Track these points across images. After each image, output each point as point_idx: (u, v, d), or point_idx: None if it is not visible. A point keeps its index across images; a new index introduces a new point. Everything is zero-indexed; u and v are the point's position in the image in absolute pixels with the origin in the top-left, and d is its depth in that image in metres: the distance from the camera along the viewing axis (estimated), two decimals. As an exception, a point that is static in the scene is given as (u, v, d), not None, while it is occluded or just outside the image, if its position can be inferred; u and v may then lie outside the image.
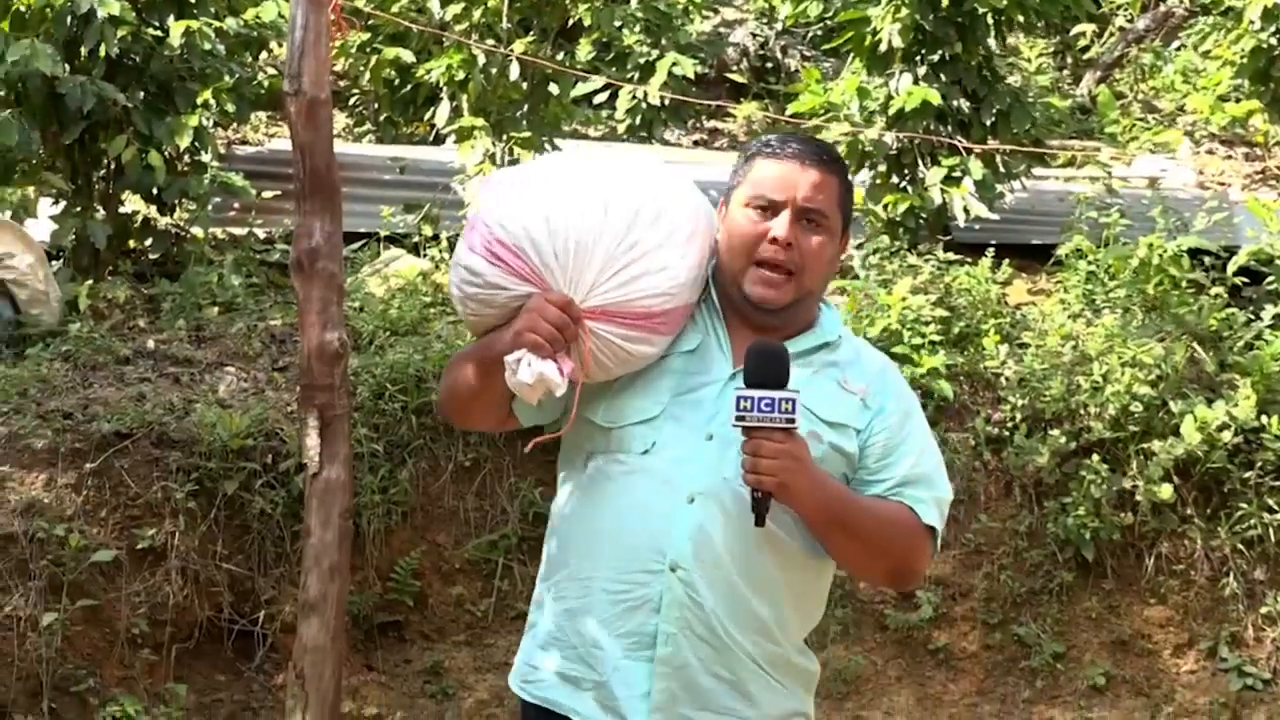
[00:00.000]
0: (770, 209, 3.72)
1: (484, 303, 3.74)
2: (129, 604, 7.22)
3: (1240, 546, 8.11)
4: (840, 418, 3.72)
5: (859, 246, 9.63)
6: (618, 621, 3.70)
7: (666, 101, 12.13)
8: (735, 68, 13.94)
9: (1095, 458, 8.11)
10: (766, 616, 3.74)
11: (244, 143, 11.18)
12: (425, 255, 9.57)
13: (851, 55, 10.05)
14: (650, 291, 3.66)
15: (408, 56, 10.75)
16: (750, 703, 3.75)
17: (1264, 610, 8.06)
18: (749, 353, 3.61)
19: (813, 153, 3.80)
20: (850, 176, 3.92)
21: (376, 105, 11.93)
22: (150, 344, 8.45)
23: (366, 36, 10.88)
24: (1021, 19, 10.08)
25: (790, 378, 3.59)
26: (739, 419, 3.53)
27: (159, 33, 9.15)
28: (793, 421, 3.54)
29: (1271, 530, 8.11)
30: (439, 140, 10.73)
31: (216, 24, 9.36)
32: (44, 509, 7.18)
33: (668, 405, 3.73)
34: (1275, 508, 8.15)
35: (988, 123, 9.84)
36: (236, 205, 9.89)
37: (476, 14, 9.54)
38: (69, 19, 8.82)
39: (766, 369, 3.57)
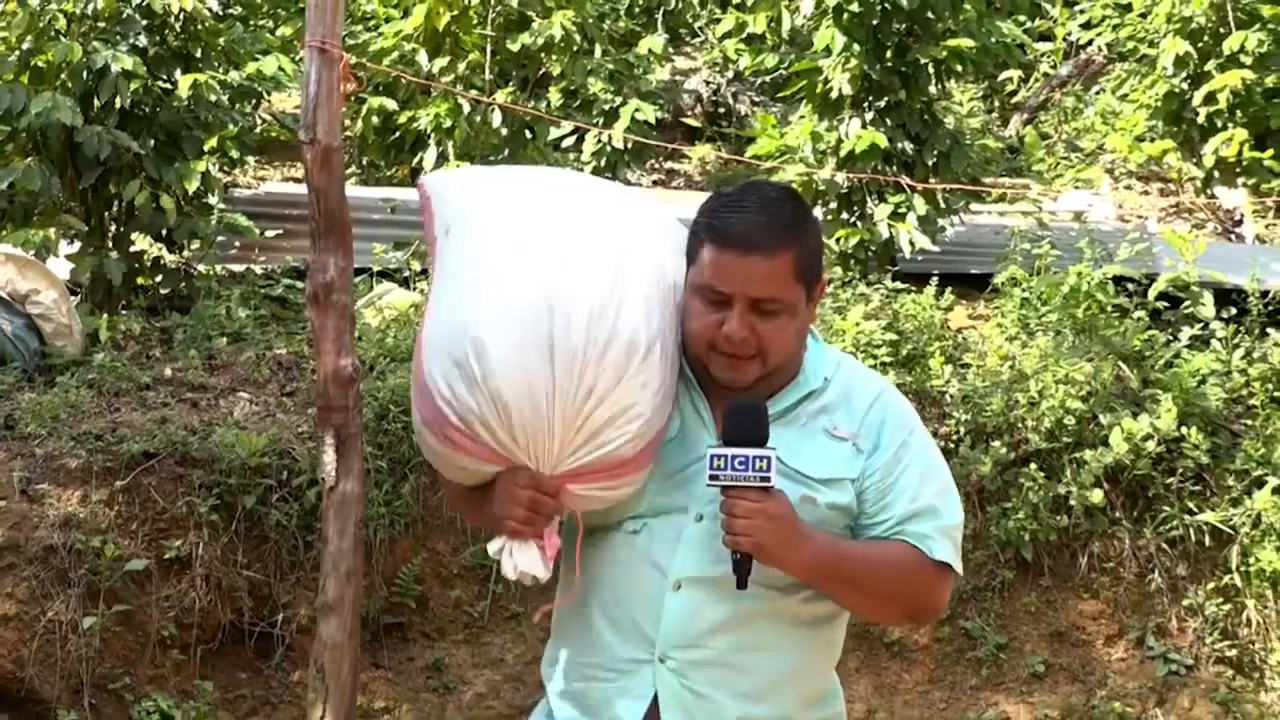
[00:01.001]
0: (722, 301, 3.34)
1: (453, 470, 3.49)
2: (159, 609, 7.29)
3: (1164, 546, 8.28)
4: (832, 473, 3.43)
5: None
6: (620, 699, 3.50)
7: (629, 144, 12.16)
8: (690, 112, 13.94)
9: (1032, 466, 8.26)
10: (768, 684, 3.48)
11: (235, 185, 11.14)
12: (415, 288, 9.67)
13: (804, 101, 10.19)
14: (620, 441, 3.33)
15: (391, 105, 10.99)
16: None
17: (1186, 603, 8.21)
18: (726, 410, 3.37)
19: (759, 236, 3.34)
20: (809, 225, 3.43)
21: (360, 150, 11.97)
22: (168, 372, 8.52)
23: (353, 86, 11.03)
24: (959, 67, 10.26)
25: (769, 433, 3.34)
26: (713, 478, 3.30)
27: (168, 85, 9.28)
28: (768, 479, 3.29)
29: (1192, 531, 8.27)
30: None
31: (220, 77, 9.49)
32: (80, 523, 7.24)
33: (655, 488, 3.47)
34: (1195, 510, 8.31)
35: (929, 163, 10.00)
36: (238, 244, 9.97)
37: (461, 67, 9.76)
38: (85, 73, 8.93)
39: (742, 426, 3.33)
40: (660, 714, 3.44)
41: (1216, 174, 11.99)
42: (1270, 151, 11.81)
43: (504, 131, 9.66)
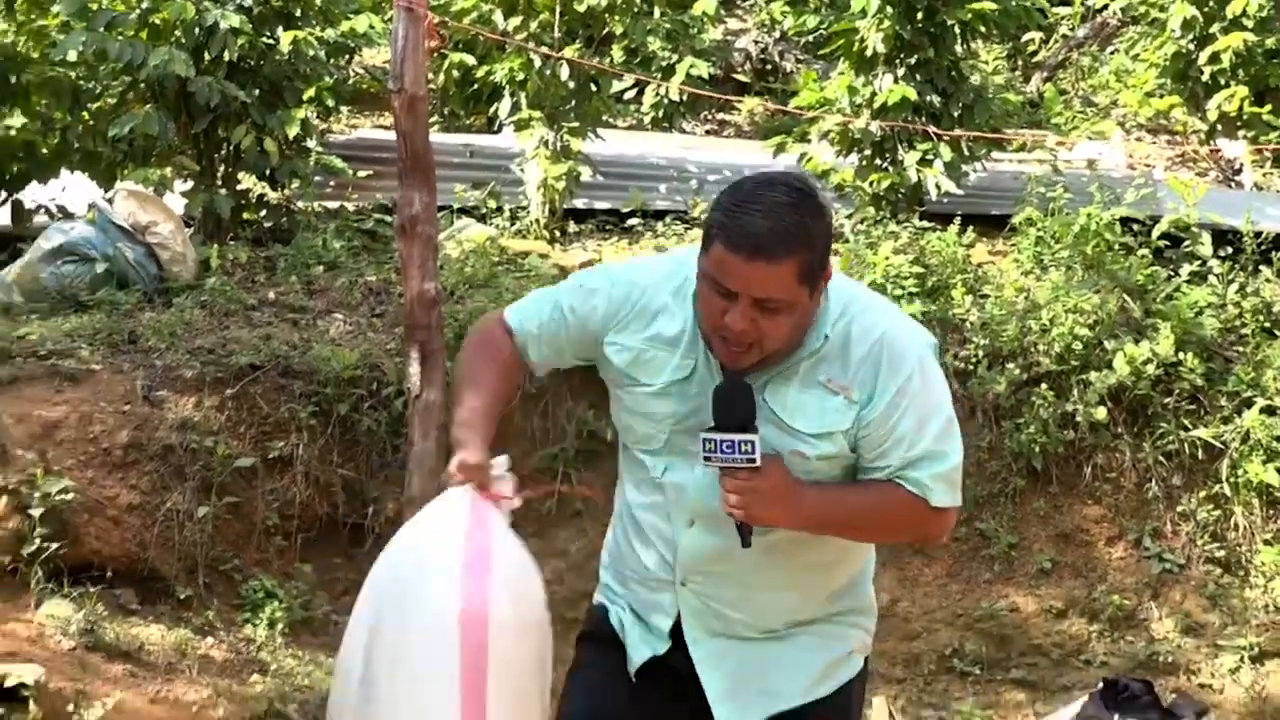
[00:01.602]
0: (728, 294, 3.18)
1: None
2: (264, 501, 7.43)
3: (1161, 458, 8.34)
4: (824, 426, 3.31)
5: (850, 216, 9.95)
6: (653, 612, 3.52)
7: (684, 97, 12.22)
8: (740, 69, 13.98)
9: (1043, 386, 8.32)
10: (774, 605, 3.50)
11: (330, 131, 11.22)
12: (491, 223, 9.82)
13: (842, 58, 10.18)
14: None
15: (470, 60, 11.09)
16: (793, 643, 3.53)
17: (1179, 509, 8.29)
18: (714, 395, 3.28)
19: (766, 243, 3.15)
20: (817, 227, 3.20)
21: (442, 100, 12.03)
22: (271, 295, 8.64)
23: (436, 43, 11.09)
24: (983, 29, 10.30)
25: (755, 415, 3.25)
26: (706, 459, 3.24)
27: (271, 41, 9.36)
28: (753, 461, 3.21)
29: (1186, 445, 8.33)
30: (497, 129, 10.96)
31: (317, 34, 9.56)
32: (195, 425, 7.37)
33: (670, 434, 3.41)
34: (1189, 427, 8.37)
35: (955, 114, 10.00)
36: (333, 183, 10.05)
37: (533, 25, 9.80)
38: (197, 30, 8.99)
39: (729, 412, 3.25)
40: (683, 626, 3.48)
41: (1219, 127, 11.97)
42: (1269, 107, 11.78)
43: (571, 84, 9.65)
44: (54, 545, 6.68)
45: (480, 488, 3.36)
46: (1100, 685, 7.17)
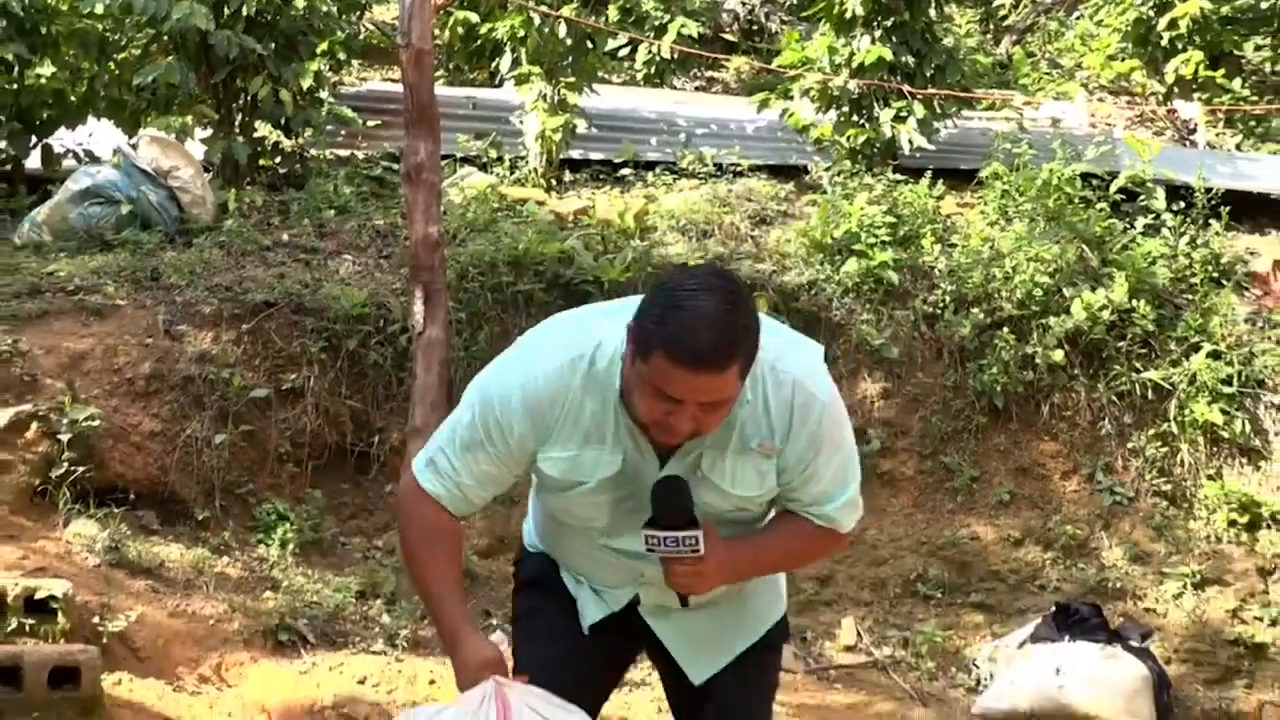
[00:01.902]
0: (672, 403, 3.07)
1: None
2: (277, 430, 7.43)
3: (1113, 398, 8.43)
4: (762, 487, 3.33)
5: (828, 169, 9.95)
6: (597, 588, 3.53)
7: (675, 55, 12.10)
8: (728, 29, 13.88)
9: (1005, 330, 8.40)
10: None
11: (341, 83, 11.09)
12: (491, 172, 9.79)
13: (823, 20, 10.16)
14: None
15: (474, 18, 11.06)
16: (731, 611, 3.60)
17: (1130, 446, 8.38)
18: (653, 495, 3.21)
19: (712, 357, 3.03)
20: (750, 322, 3.09)
21: (447, 55, 11.89)
22: (284, 237, 8.62)
23: (442, 1, 11.05)
24: (956, -6, 10.41)
25: (693, 507, 3.21)
26: (650, 550, 3.22)
27: None
28: (698, 552, 3.20)
29: (1137, 386, 8.42)
30: (498, 83, 10.93)
31: None
32: (213, 358, 7.37)
33: (610, 516, 3.34)
34: (1141, 369, 8.46)
35: (928, 74, 9.97)
36: (344, 132, 9.98)
37: None
38: None
39: (668, 512, 3.20)
40: (640, 611, 3.52)
41: (1175, 89, 12.01)
42: (1222, 71, 11.85)
43: (568, 42, 9.62)
44: (80, 469, 6.72)
45: (500, 675, 3.28)
46: (1053, 609, 7.28)
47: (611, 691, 3.75)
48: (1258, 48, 12.29)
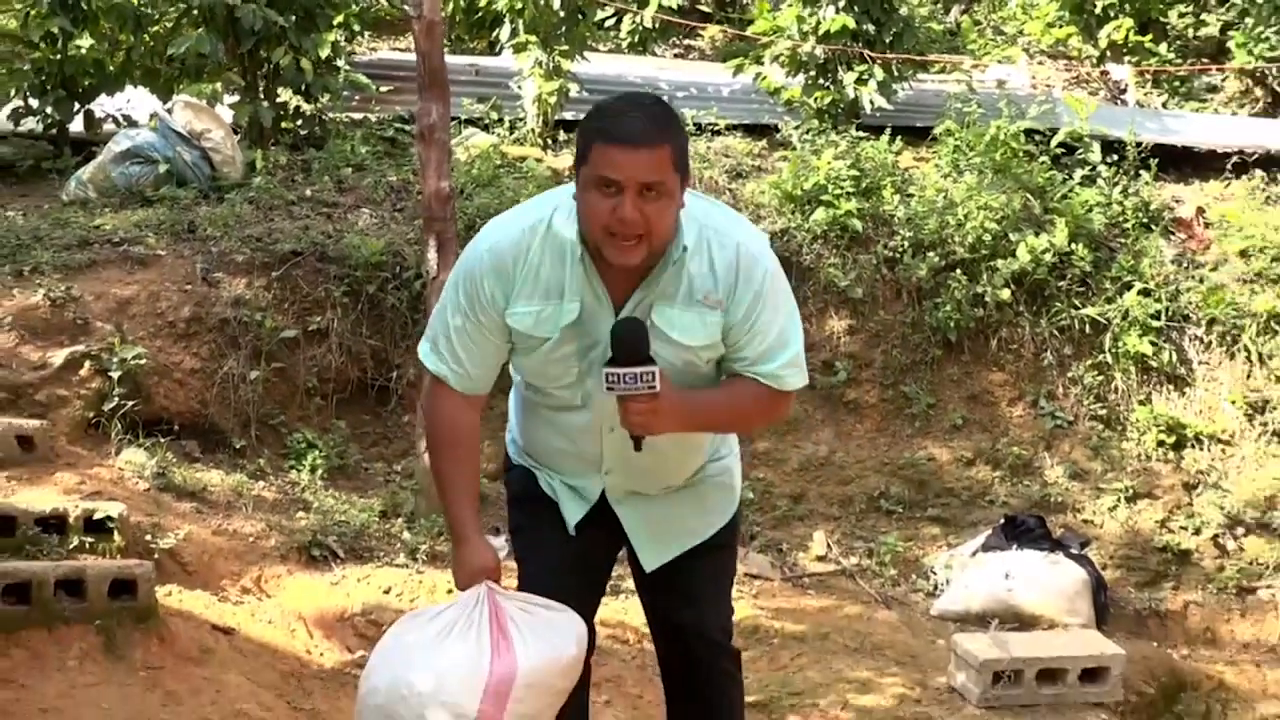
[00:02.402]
0: (614, 187, 3.11)
1: None
2: (305, 367, 7.46)
3: (1055, 332, 8.46)
4: (709, 338, 3.33)
5: (797, 127, 9.94)
6: (570, 485, 3.57)
7: (656, 24, 12.06)
8: (704, 0, 13.98)
9: (958, 272, 8.41)
10: (676, 470, 3.59)
11: (355, 52, 11.04)
12: (493, 132, 9.72)
13: None
14: None
15: (475, -9, 11.01)
16: (690, 500, 3.64)
17: (1069, 375, 8.41)
18: (612, 335, 3.24)
19: (641, 129, 3.13)
20: (680, 129, 3.21)
21: (450, 26, 11.82)
22: (308, 192, 8.58)
23: (446, -24, 10.95)
24: (912, -33, 10.36)
25: (649, 348, 3.23)
26: (608, 388, 3.21)
27: None
28: (654, 389, 3.21)
29: (1076, 321, 8.46)
30: (498, 51, 10.87)
31: None
32: (246, 302, 7.40)
33: (578, 369, 3.36)
34: (1079, 306, 8.50)
35: (886, 41, 9.93)
36: (358, 97, 9.88)
37: None
38: None
39: (627, 349, 3.22)
40: (607, 497, 3.56)
41: (1108, 53, 11.98)
42: (1150, 36, 11.85)
43: (561, 13, 9.55)
44: (129, 403, 6.77)
45: (496, 581, 3.38)
46: (1002, 521, 7.36)
47: (604, 588, 3.79)
48: (1181, 15, 12.25)
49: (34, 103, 9.14)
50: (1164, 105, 11.54)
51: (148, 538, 5.71)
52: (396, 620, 3.58)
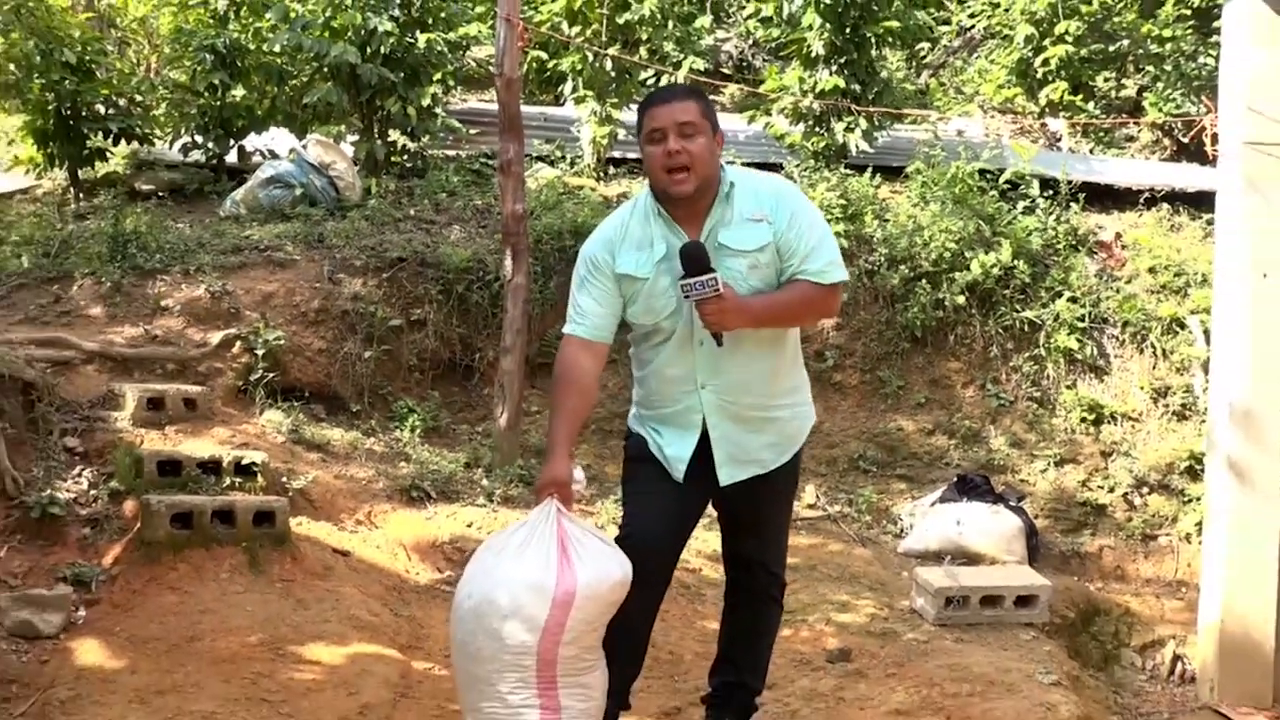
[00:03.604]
0: (661, 135, 3.40)
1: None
2: (407, 349, 7.49)
3: (1000, 330, 8.41)
4: (760, 242, 3.47)
5: (797, 166, 9.87)
6: (677, 418, 3.61)
7: (688, 83, 12.15)
8: (725, 65, 13.72)
9: (924, 281, 8.38)
10: (765, 382, 3.60)
11: (449, 102, 11.11)
12: (557, 167, 9.75)
13: (794, 58, 10.02)
14: None
15: (544, 55, 10.97)
16: (768, 422, 3.64)
17: (1011, 364, 8.35)
18: (680, 254, 3.40)
19: (672, 93, 3.51)
20: (704, 97, 3.51)
21: (525, 83, 11.76)
22: (411, 212, 8.61)
23: (524, 43, 10.90)
24: (890, 40, 10.18)
25: (710, 260, 3.36)
26: (685, 296, 3.37)
27: (411, 40, 9.20)
28: (718, 292, 3.34)
29: (1017, 322, 8.40)
30: (562, 103, 10.86)
31: (443, 35, 9.43)
32: (362, 297, 7.44)
33: (675, 297, 3.47)
34: (1019, 309, 8.43)
35: (869, 98, 9.85)
36: (451, 138, 9.93)
37: (588, 32, 9.71)
38: (363, 31, 8.91)
39: (691, 262, 3.37)
40: (705, 417, 3.58)
41: (1047, 109, 11.88)
42: (1081, 96, 11.72)
43: (612, 73, 9.57)
44: (270, 374, 6.84)
45: (563, 499, 3.41)
46: (955, 479, 7.34)
47: (688, 537, 3.80)
48: (1105, 79, 12.14)
49: (199, 139, 9.22)
50: (1091, 151, 11.45)
51: (283, 479, 5.78)
52: (480, 545, 3.61)
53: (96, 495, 5.29)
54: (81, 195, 8.89)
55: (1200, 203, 9.53)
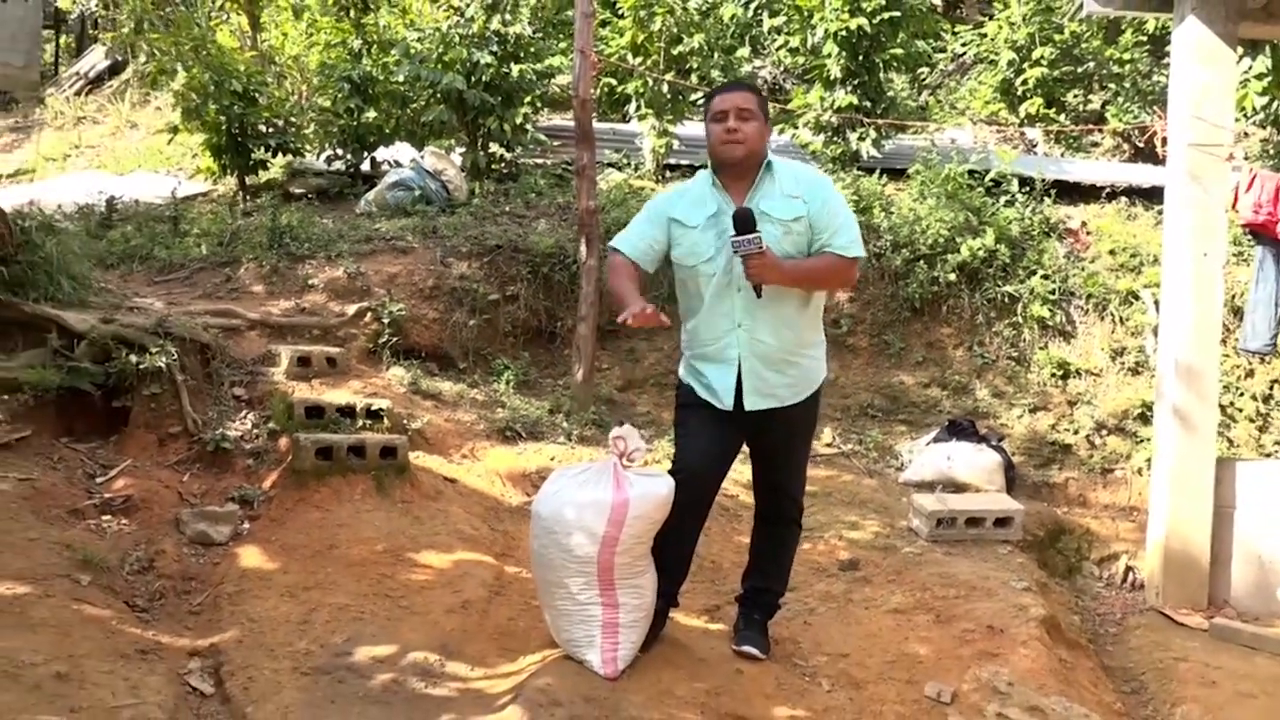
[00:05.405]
0: (723, 115, 3.43)
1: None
2: (503, 318, 7.45)
3: (985, 302, 8.21)
4: (794, 215, 3.44)
5: (818, 169, 9.72)
6: (717, 354, 3.54)
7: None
8: (761, 87, 13.59)
9: (922, 262, 8.20)
10: (790, 332, 3.54)
11: (537, 120, 10.98)
12: (623, 172, 9.65)
13: (817, 80, 9.84)
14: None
15: (613, 81, 10.87)
16: (789, 365, 3.58)
17: (994, 330, 8.16)
18: (733, 217, 3.35)
19: (735, 85, 3.54)
20: (759, 92, 3.55)
21: (597, 103, 11.63)
22: (507, 209, 8.57)
23: (595, 71, 10.80)
24: (896, 65, 9.98)
25: (756, 221, 3.32)
26: (735, 252, 3.34)
27: (506, 70, 9.10)
28: (761, 250, 3.31)
29: (999, 295, 8.19)
30: (627, 120, 10.75)
31: (533, 66, 9.34)
32: (467, 277, 7.41)
33: (721, 250, 3.45)
34: (1001, 284, 8.22)
35: (879, 112, 9.68)
36: (539, 149, 9.86)
37: (649, 61, 9.61)
38: (468, 63, 8.86)
39: (741, 223, 3.33)
40: (739, 354, 3.51)
41: (1026, 120, 11.58)
42: (1054, 109, 11.41)
43: (668, 95, 9.48)
44: (394, 339, 6.85)
45: (621, 455, 3.43)
46: (947, 423, 7.22)
47: (728, 469, 3.76)
48: (1075, 95, 11.78)
49: (340, 152, 9.25)
50: (1062, 155, 11.16)
51: (404, 422, 5.80)
52: (553, 473, 3.60)
53: (258, 433, 5.35)
54: (247, 197, 8.97)
55: (1152, 196, 9.25)
